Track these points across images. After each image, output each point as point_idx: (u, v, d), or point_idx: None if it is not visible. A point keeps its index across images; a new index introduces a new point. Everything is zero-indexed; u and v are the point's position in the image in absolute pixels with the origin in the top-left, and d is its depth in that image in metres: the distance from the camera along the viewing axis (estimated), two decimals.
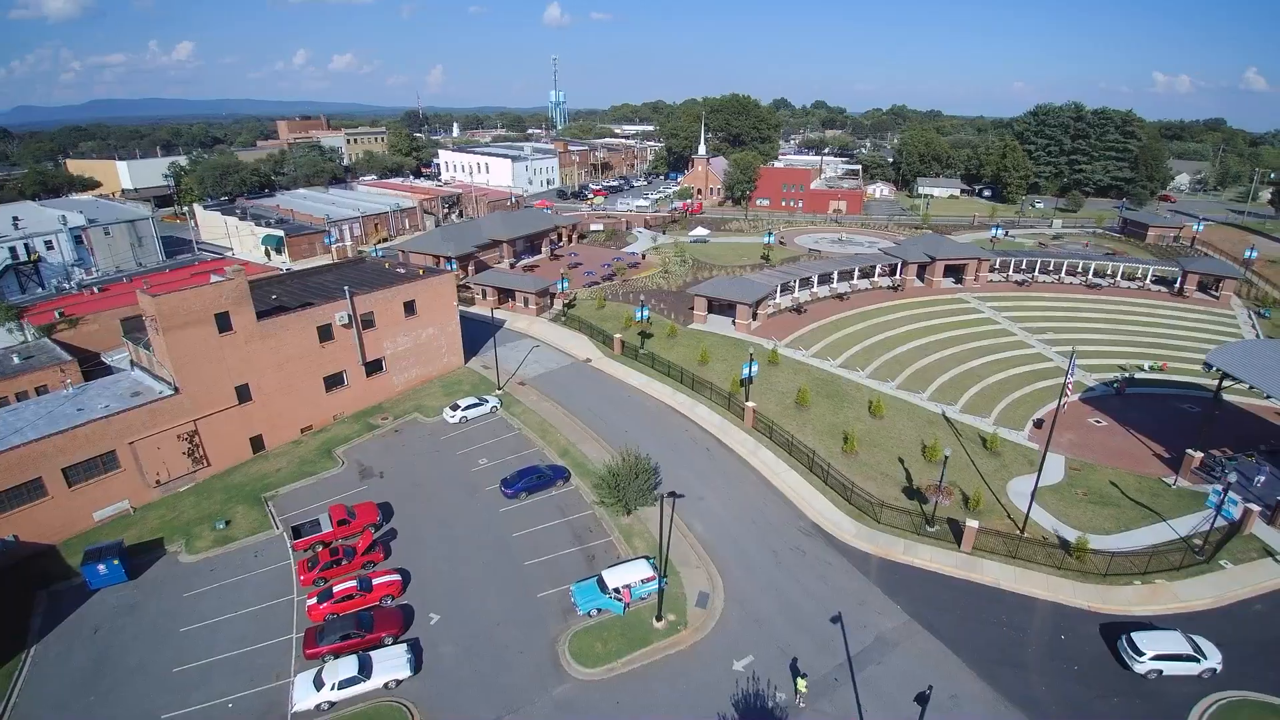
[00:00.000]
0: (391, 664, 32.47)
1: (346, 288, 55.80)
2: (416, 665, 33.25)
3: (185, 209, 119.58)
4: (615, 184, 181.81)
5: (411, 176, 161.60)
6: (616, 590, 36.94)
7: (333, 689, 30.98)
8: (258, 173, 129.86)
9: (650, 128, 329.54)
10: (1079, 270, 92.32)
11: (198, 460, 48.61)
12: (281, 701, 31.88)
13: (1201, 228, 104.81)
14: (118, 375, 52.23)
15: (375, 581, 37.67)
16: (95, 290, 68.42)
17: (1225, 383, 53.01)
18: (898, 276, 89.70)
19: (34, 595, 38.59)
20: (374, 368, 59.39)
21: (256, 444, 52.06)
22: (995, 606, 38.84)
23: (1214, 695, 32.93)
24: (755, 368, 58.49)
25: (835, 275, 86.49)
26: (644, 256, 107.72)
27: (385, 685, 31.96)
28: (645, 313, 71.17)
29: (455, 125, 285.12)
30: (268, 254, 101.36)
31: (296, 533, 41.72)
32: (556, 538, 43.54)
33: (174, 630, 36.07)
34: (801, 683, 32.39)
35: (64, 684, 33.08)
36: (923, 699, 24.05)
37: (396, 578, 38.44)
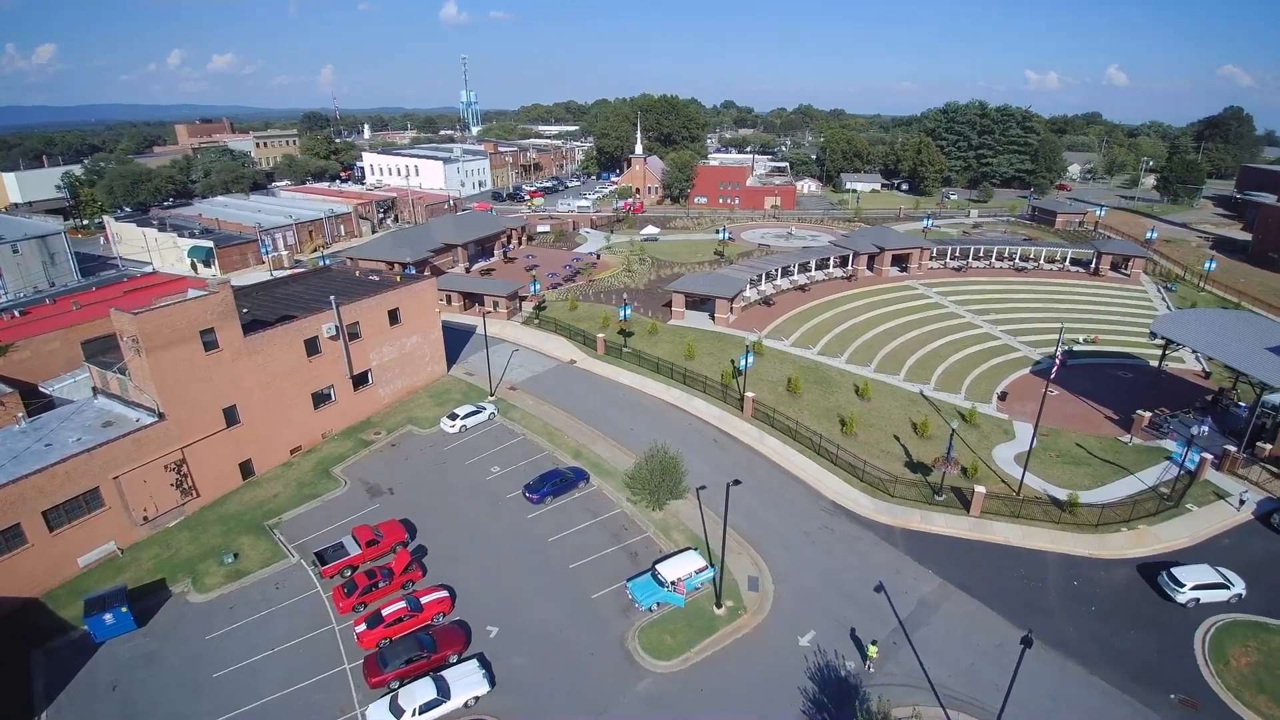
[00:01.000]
0: (467, 681, 31.31)
1: (333, 297, 52.72)
2: (490, 680, 32.22)
3: (88, 222, 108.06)
4: (549, 185, 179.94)
5: (339, 181, 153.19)
6: (673, 583, 37.23)
7: (413, 715, 29.53)
8: (172, 181, 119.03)
9: (572, 128, 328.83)
10: (1006, 255, 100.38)
11: (186, 491, 44.56)
12: None
13: (1103, 213, 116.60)
14: (79, 405, 46.93)
15: (424, 600, 36.06)
16: (16, 314, 60.81)
17: (1166, 349, 59.65)
18: (850, 267, 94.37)
19: (28, 656, 34.29)
20: (360, 381, 56.42)
21: (246, 469, 48.31)
22: (1011, 562, 42.10)
23: (1209, 620, 37.26)
24: (751, 359, 60.24)
25: (796, 268, 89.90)
26: (599, 256, 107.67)
27: (465, 704, 30.82)
28: (628, 311, 71.38)
29: (366, 127, 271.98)
30: (194, 267, 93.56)
31: (321, 559, 39.15)
32: (593, 538, 43.19)
33: (206, 677, 33.09)
34: (873, 648, 34.08)
35: None
36: (1027, 640, 25.96)
37: (445, 594, 36.97)
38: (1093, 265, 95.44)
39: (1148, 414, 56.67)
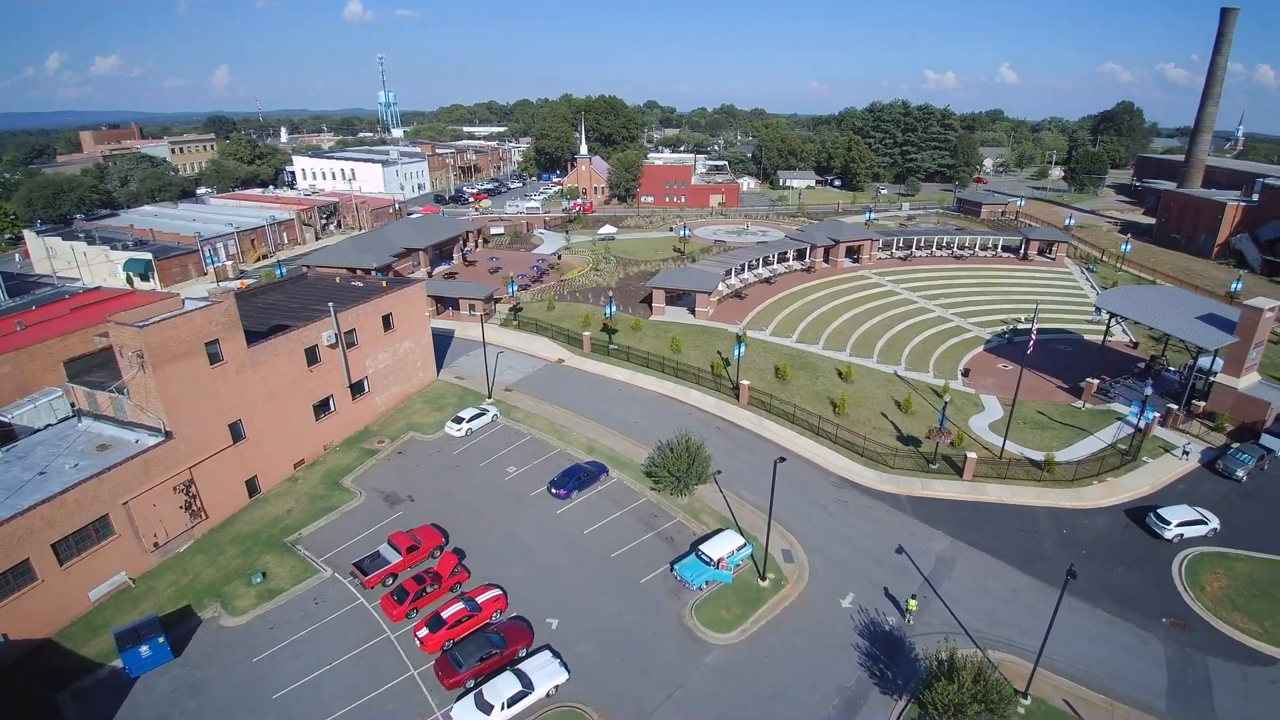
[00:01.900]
0: (546, 671, 31.82)
1: (331, 304, 51.13)
2: (566, 668, 32.79)
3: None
4: (490, 187, 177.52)
5: (271, 187, 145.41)
6: (717, 561, 38.87)
7: (502, 709, 29.81)
8: (96, 190, 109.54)
9: (499, 129, 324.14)
10: (944, 244, 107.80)
11: (195, 513, 42.32)
12: None
13: (1023, 203, 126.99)
14: (59, 429, 43.58)
15: (480, 600, 36.09)
16: None
17: (1095, 322, 66.36)
18: (808, 259, 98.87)
19: (54, 701, 31.97)
20: (357, 389, 54.91)
21: (252, 487, 46.26)
22: (1007, 518, 46.27)
23: (1181, 553, 42.40)
24: (743, 349, 62.66)
25: (760, 262, 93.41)
26: (559, 257, 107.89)
27: (547, 694, 31.32)
28: (613, 308, 72.41)
29: (284, 130, 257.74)
30: (130, 281, 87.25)
31: (362, 570, 38.33)
32: (627, 527, 44.21)
33: (266, 699, 31.96)
34: (913, 602, 37.03)
35: None
36: (1071, 573, 29.20)
37: (499, 592, 37.09)
38: (1021, 251, 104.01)
39: (1095, 381, 63.00)
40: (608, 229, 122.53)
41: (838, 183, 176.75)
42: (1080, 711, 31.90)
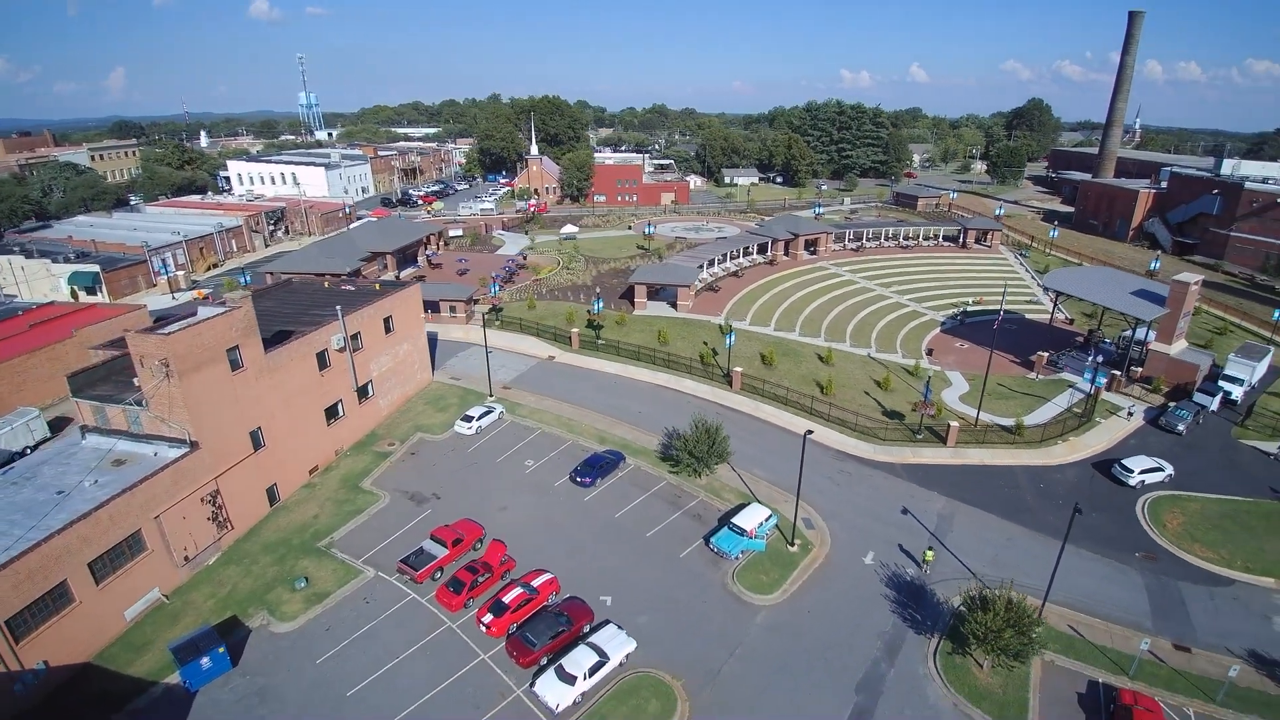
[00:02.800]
0: (617, 642, 33.63)
1: (339, 308, 50.71)
2: (631, 638, 34.65)
3: None
4: (436, 189, 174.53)
5: (209, 193, 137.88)
6: (750, 531, 41.59)
7: (585, 678, 31.43)
8: (28, 200, 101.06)
9: (430, 129, 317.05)
10: (890, 236, 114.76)
11: (222, 525, 41.46)
12: (526, 713, 31.30)
13: (955, 196, 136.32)
14: (61, 447, 41.68)
15: (535, 584, 37.41)
16: None
17: (1035, 303, 73.23)
18: (770, 253, 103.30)
19: None
20: (362, 393, 54.52)
21: (271, 495, 45.54)
22: (990, 477, 51.20)
23: (1141, 498, 48.26)
24: (734, 338, 65.85)
25: (728, 256, 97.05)
26: (525, 257, 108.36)
27: (620, 663, 33.13)
28: (600, 304, 74.10)
29: (204, 134, 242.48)
30: (75, 295, 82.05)
31: (412, 566, 38.83)
32: (654, 508, 46.31)
33: (341, 696, 32.25)
34: (929, 554, 40.98)
35: None
36: (1077, 509, 33.48)
37: (552, 575, 38.48)
38: (961, 240, 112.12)
39: (1045, 354, 69.65)
40: (569, 228, 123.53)
41: (779, 179, 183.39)
42: (1083, 633, 36.43)
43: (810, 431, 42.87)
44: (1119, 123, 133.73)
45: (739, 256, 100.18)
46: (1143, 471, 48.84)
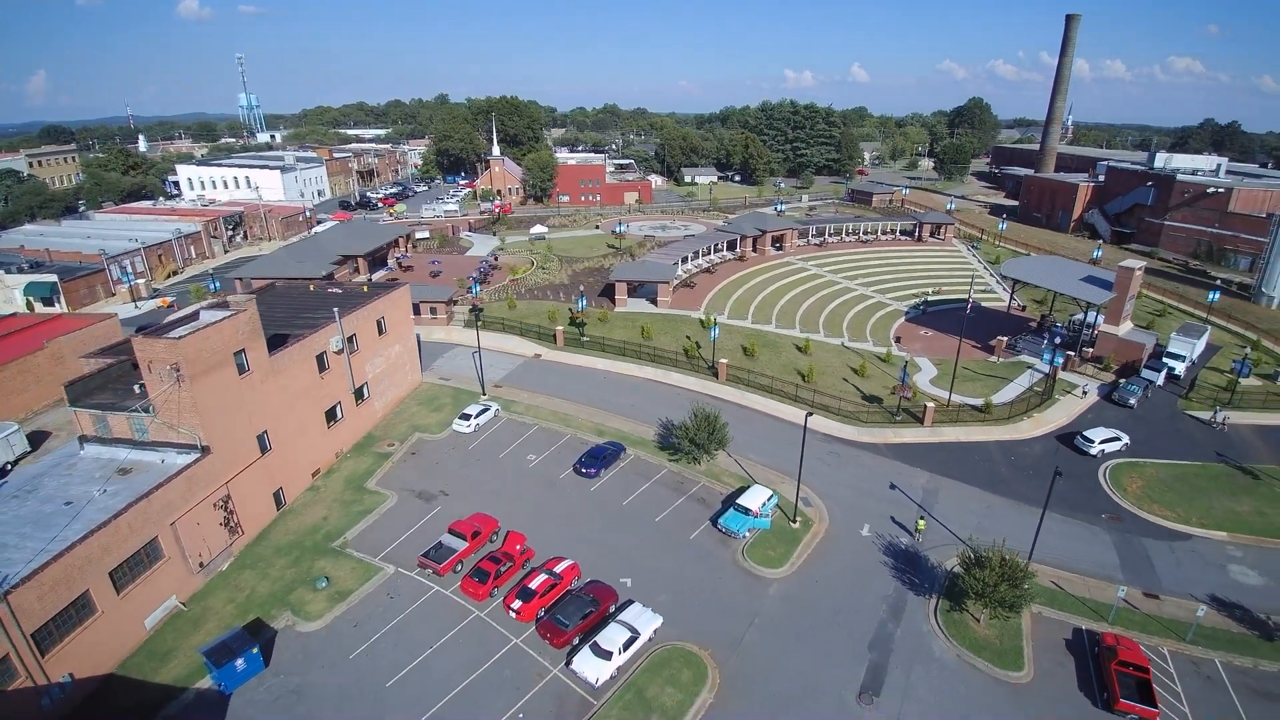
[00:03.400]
0: (645, 618, 35.26)
1: (336, 309, 50.62)
2: (657, 614, 36.31)
3: None
4: (395, 191, 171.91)
5: (160, 199, 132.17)
6: (755, 511, 43.78)
7: (620, 653, 32.96)
8: None
9: (379, 130, 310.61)
10: (852, 231, 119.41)
11: (233, 530, 41.21)
12: (565, 690, 32.61)
13: (908, 192, 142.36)
14: (58, 458, 40.64)
15: (558, 569, 38.68)
16: None
17: (989, 292, 78.05)
18: (739, 249, 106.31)
19: None
20: (358, 395, 54.46)
21: (278, 499, 45.33)
22: (967, 453, 54.80)
23: (1102, 465, 52.59)
24: (718, 332, 68.15)
25: (701, 252, 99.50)
26: (496, 258, 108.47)
27: (649, 638, 34.77)
28: (584, 302, 75.35)
29: (142, 138, 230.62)
30: (30, 306, 78.42)
31: (435, 559, 39.53)
32: (659, 495, 48.05)
33: (379, 688, 32.85)
34: (921, 523, 44.06)
35: None
36: (1057, 471, 36.82)
37: (573, 561, 39.78)
38: (916, 234, 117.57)
39: (1005, 339, 74.39)
40: (539, 228, 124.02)
41: (738, 178, 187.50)
42: (1064, 587, 39.94)
43: (811, 413, 45.43)
44: (1058, 120, 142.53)
45: (711, 253, 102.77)
46: (1102, 442, 53.23)
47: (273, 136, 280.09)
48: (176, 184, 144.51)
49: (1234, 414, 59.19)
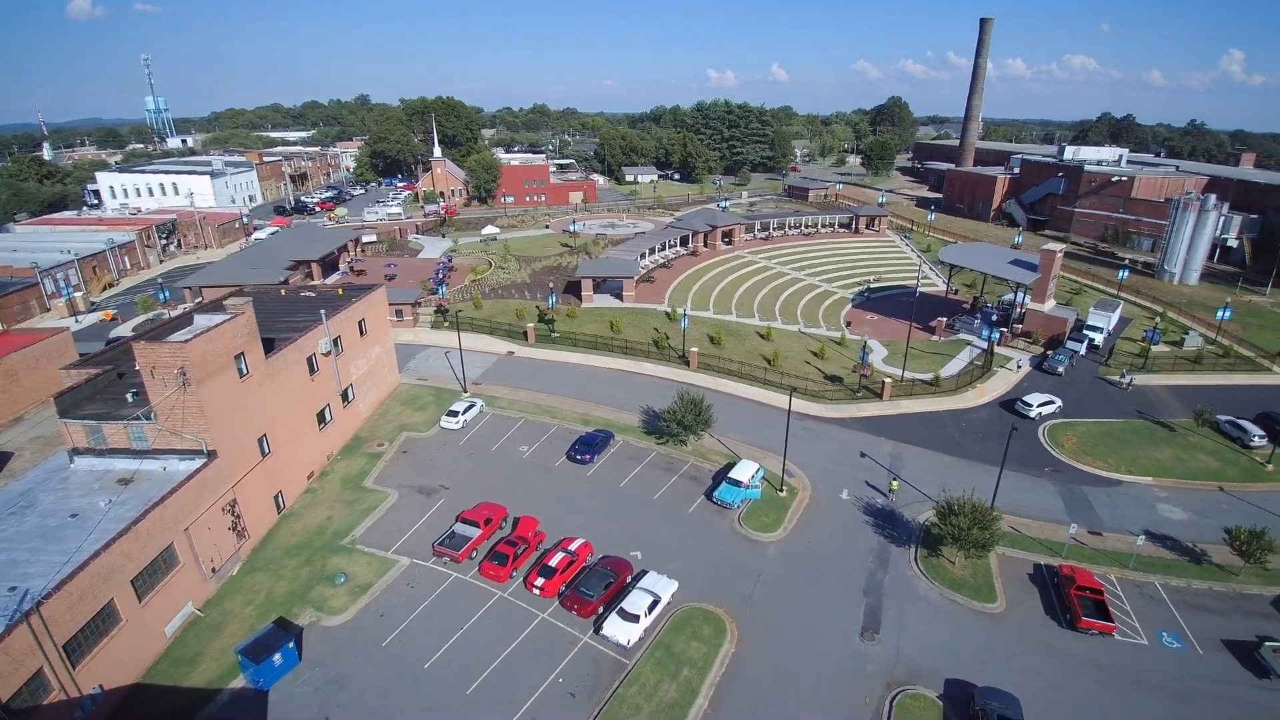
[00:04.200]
0: (663, 584, 37.89)
1: (323, 311, 50.61)
2: (673, 580, 38.98)
3: None
4: (330, 195, 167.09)
5: (86, 208, 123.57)
6: (746, 483, 47.14)
7: (646, 615, 35.46)
8: None
9: (302, 133, 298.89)
10: (794, 225, 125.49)
11: (240, 534, 41.07)
12: (599, 654, 34.79)
13: (841, 187, 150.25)
14: (48, 471, 39.35)
15: (573, 547, 40.73)
16: None
17: (923, 278, 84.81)
18: (691, 244, 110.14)
19: None
20: (344, 397, 54.49)
21: (278, 503, 45.23)
22: (923, 422, 60.09)
23: (1040, 425, 58.90)
24: (687, 322, 71.35)
25: (657, 248, 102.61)
26: (450, 259, 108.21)
27: (668, 601, 37.41)
28: (554, 299, 76.98)
29: (46, 146, 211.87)
30: None
31: (453, 546, 40.79)
32: (653, 475, 50.73)
33: (418, 670, 34.02)
34: (895, 484, 48.55)
35: None
36: (1013, 428, 41.70)
37: (585, 540, 41.91)
38: (854, 226, 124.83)
39: (944, 319, 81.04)
40: (490, 229, 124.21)
41: (677, 176, 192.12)
42: (1021, 530, 45.16)
43: (794, 389, 49.02)
44: (976, 117, 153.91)
45: (666, 249, 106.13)
46: (1039, 405, 59.63)
47: (184, 141, 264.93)
48: (96, 193, 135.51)
49: (1148, 377, 67.34)
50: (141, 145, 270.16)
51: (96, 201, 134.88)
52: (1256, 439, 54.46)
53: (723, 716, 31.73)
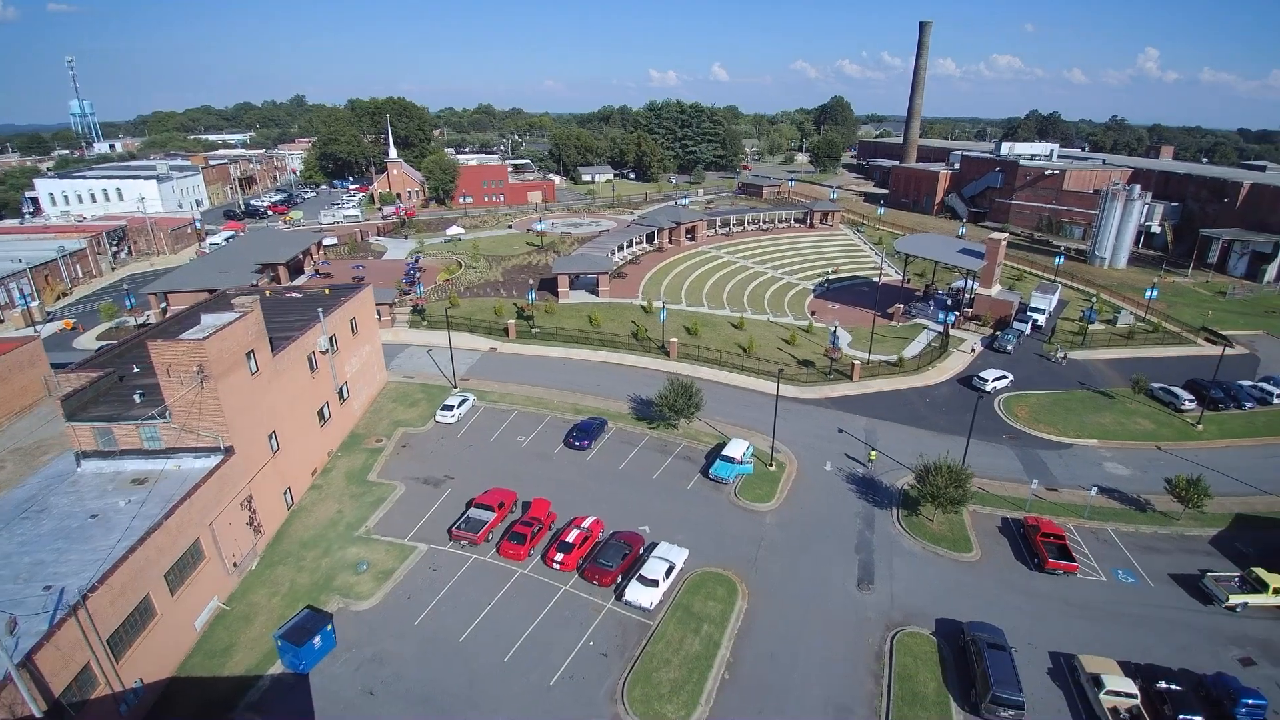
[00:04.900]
0: (675, 552, 40.65)
1: (319, 310, 51.19)
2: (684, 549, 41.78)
3: None
4: (280, 198, 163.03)
5: (27, 215, 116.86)
6: (739, 459, 50.34)
7: (664, 579, 38.23)
8: None
9: (239, 135, 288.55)
10: (753, 221, 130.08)
11: (257, 530, 41.66)
12: (623, 617, 37.24)
13: (794, 184, 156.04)
14: (54, 475, 39.09)
15: (585, 524, 43.02)
16: None
17: (876, 268, 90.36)
18: (656, 241, 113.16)
19: None
20: (340, 395, 55.06)
21: (287, 499, 45.80)
22: (891, 399, 64.74)
23: (996, 397, 64.29)
24: (665, 314, 74.24)
25: (626, 245, 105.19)
26: (418, 260, 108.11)
27: (681, 567, 40.17)
28: (533, 295, 78.64)
29: None
30: None
31: (472, 529, 42.44)
32: (649, 457, 53.38)
33: (454, 644, 35.69)
34: (873, 454, 52.68)
35: None
36: (976, 403, 46.11)
37: (597, 518, 44.23)
38: (809, 221, 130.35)
39: (901, 306, 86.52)
40: (455, 229, 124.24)
41: (632, 175, 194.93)
42: (988, 490, 49.83)
43: (782, 369, 52.53)
44: (918, 116, 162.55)
45: (633, 245, 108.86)
46: (994, 380, 65.13)
47: (111, 146, 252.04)
48: (35, 200, 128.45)
49: (1088, 352, 74.21)
50: (68, 151, 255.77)
51: (34, 209, 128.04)
52: (1186, 403, 61.21)
53: (745, 663, 34.72)
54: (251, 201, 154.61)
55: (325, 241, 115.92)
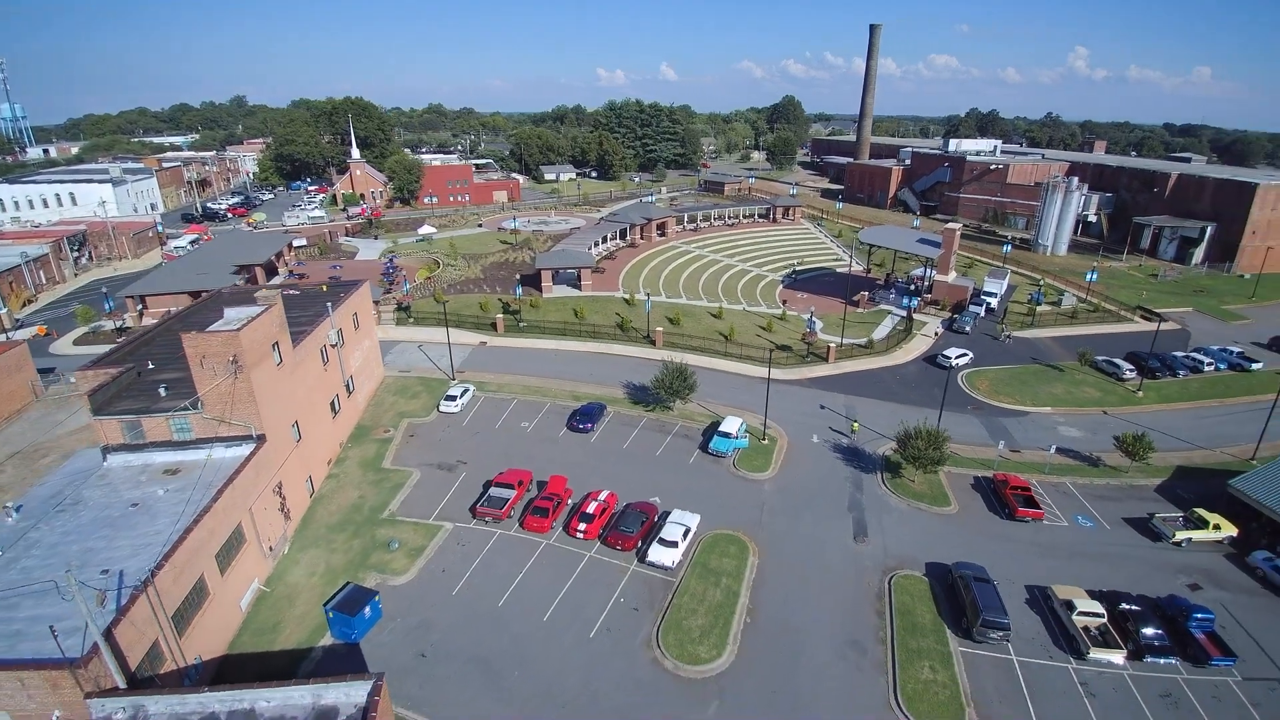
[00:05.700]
0: (689, 517, 44.16)
1: (328, 304, 52.56)
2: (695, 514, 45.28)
3: None
4: (238, 200, 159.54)
5: None
6: (735, 435, 54.15)
7: (681, 540, 41.59)
8: None
9: (185, 136, 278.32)
10: (719, 217, 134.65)
11: (286, 516, 43.13)
12: (647, 576, 40.42)
13: (754, 180, 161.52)
14: (81, 470, 39.76)
15: (603, 497, 46.00)
16: None
17: (838, 259, 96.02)
18: (629, 236, 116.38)
19: None
20: (347, 387, 56.48)
21: (309, 487, 47.27)
22: (865, 378, 69.73)
23: (960, 373, 69.98)
24: (650, 306, 77.53)
25: (602, 240, 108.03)
26: (393, 260, 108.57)
27: (695, 530, 43.68)
28: (520, 290, 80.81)
29: None
30: None
31: (496, 506, 44.88)
32: (649, 437, 56.67)
33: (493, 608, 38.17)
34: (856, 425, 57.26)
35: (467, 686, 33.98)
36: (949, 374, 51.04)
37: (611, 491, 47.23)
38: (772, 216, 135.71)
39: (866, 293, 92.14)
40: (427, 229, 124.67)
41: (594, 174, 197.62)
42: (960, 453, 54.95)
43: (773, 348, 56.40)
44: (869, 114, 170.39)
45: (607, 241, 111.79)
46: (956, 357, 70.92)
47: (45, 151, 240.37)
48: None
49: (1037, 331, 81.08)
50: (2, 157, 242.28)
51: None
52: (1128, 373, 68.13)
53: (763, 608, 38.42)
54: (209, 204, 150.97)
55: (295, 243, 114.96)
